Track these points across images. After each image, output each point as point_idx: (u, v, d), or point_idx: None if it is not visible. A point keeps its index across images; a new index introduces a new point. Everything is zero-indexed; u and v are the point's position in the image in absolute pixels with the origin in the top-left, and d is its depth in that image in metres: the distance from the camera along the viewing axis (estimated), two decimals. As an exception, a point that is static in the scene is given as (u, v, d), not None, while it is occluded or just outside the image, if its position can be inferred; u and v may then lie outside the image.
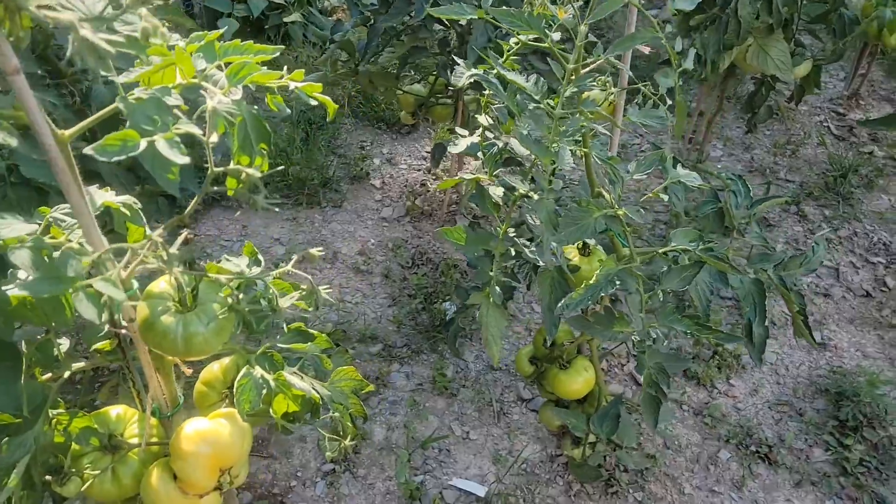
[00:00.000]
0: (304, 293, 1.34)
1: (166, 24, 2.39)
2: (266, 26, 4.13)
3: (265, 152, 1.08)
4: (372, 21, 2.67)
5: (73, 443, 1.25)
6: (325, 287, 1.32)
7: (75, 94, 1.57)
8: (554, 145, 1.36)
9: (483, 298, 1.63)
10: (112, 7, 0.95)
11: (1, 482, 1.15)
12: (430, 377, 2.71)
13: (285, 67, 1.14)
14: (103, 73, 0.90)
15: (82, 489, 1.28)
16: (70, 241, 1.03)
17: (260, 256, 1.37)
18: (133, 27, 1.03)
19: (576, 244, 1.89)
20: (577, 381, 2.09)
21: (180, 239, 1.10)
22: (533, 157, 1.46)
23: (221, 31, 1.14)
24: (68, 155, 0.95)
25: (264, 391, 1.29)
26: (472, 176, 1.62)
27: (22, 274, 0.95)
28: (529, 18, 1.35)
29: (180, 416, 1.39)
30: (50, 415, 1.21)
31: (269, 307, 1.17)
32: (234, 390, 1.26)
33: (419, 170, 3.76)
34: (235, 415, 1.31)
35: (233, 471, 1.31)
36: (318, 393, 1.38)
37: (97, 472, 1.28)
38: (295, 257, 1.26)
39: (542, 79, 1.38)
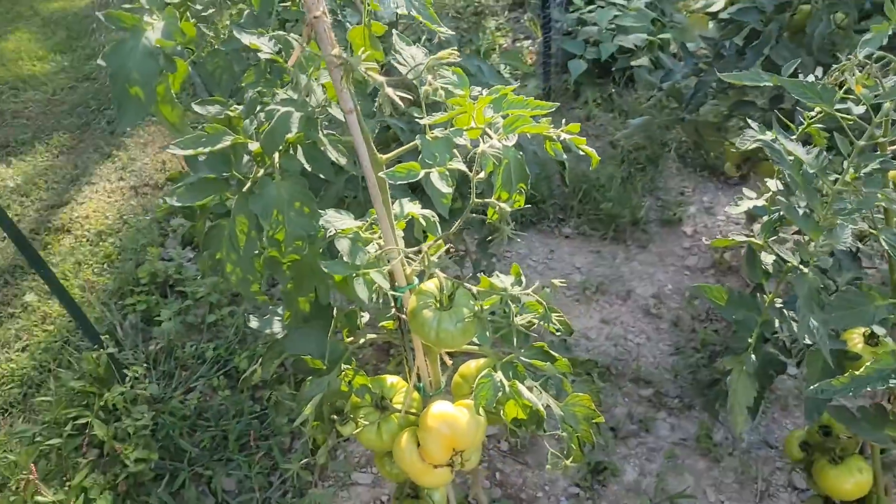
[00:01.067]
0: (540, 314, 1.50)
1: (508, 67, 2.78)
2: (613, 69, 4.35)
3: (522, 190, 1.27)
4: (702, 72, 2.71)
5: (352, 395, 1.58)
6: (557, 315, 1.47)
7: (389, 128, 1.95)
8: (825, 222, 1.32)
9: (736, 363, 1.62)
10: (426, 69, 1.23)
11: (301, 409, 1.53)
12: (696, 435, 2.64)
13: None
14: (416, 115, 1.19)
15: (354, 432, 1.61)
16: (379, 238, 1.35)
17: (522, 278, 1.56)
18: (446, 80, 1.31)
19: (863, 331, 1.73)
20: (848, 481, 1.89)
21: (441, 250, 1.34)
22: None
23: (513, 86, 1.36)
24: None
25: (500, 394, 1.48)
26: (745, 238, 1.61)
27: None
28: (821, 91, 1.33)
29: (439, 397, 1.66)
30: (342, 368, 1.55)
31: (506, 321, 1.36)
32: (475, 386, 1.47)
33: (738, 223, 3.62)
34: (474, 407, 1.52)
35: (465, 454, 1.53)
36: (550, 409, 1.53)
37: (367, 423, 1.61)
38: (537, 284, 1.43)
39: (824, 153, 1.34)
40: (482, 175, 1.20)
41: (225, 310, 3.17)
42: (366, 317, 1.71)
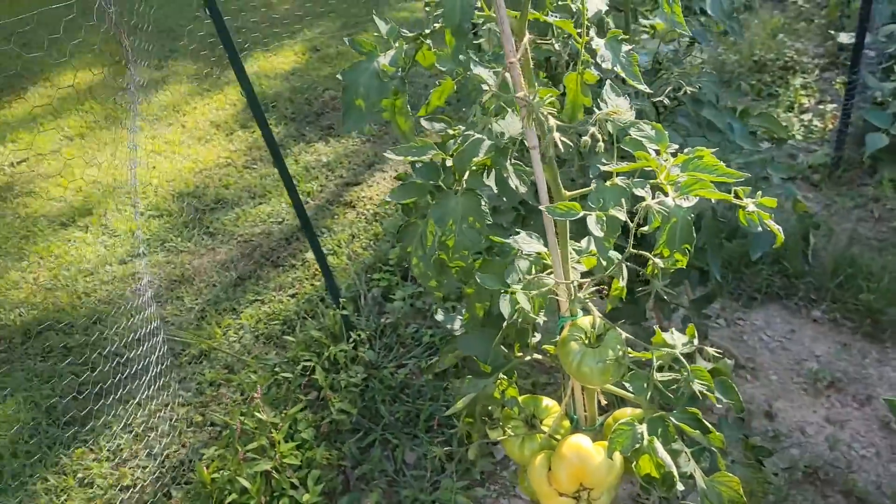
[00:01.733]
0: (708, 387, 1.48)
1: (760, 130, 2.71)
2: (924, 149, 3.83)
3: (687, 251, 1.28)
4: None
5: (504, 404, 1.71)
6: (730, 389, 1.43)
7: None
8: None
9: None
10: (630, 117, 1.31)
11: (456, 403, 1.69)
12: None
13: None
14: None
15: (500, 438, 1.73)
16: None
17: (695, 340, 1.55)
18: (643, 133, 1.38)
19: None
20: None
21: (591, 288, 1.39)
22: None
23: (710, 150, 1.37)
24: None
25: (637, 445, 1.50)
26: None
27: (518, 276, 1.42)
28: None
29: (590, 433, 1.71)
30: (499, 376, 1.69)
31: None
32: (613, 430, 1.50)
33: None
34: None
35: (593, 493, 1.57)
36: (693, 480, 1.51)
37: (512, 434, 1.72)
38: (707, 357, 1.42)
39: None
40: (646, 228, 1.25)
41: (449, 304, 3.47)
42: (538, 336, 1.82)
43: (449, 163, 1.37)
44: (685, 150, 1.39)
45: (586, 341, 1.43)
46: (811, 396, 2.96)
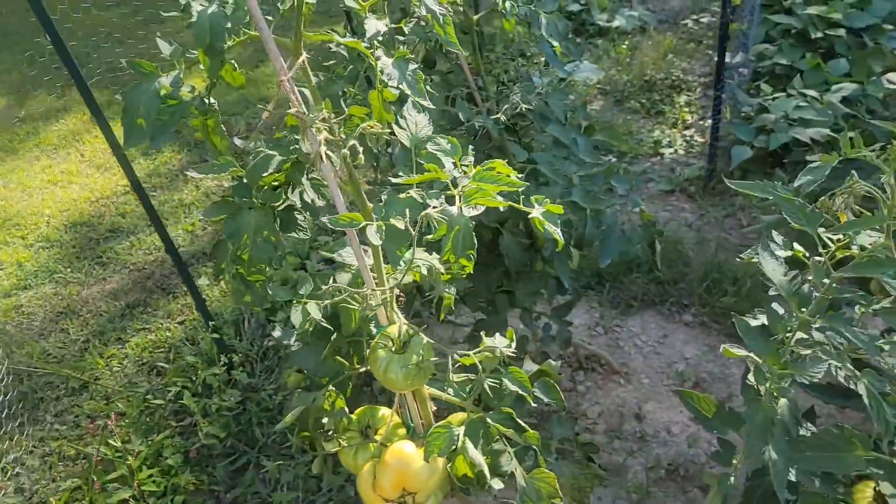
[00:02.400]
0: (523, 386, 1.54)
1: (610, 144, 2.78)
2: (785, 160, 4.08)
3: (471, 257, 1.34)
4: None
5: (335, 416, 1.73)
6: (554, 390, 1.50)
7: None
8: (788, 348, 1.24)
9: (713, 481, 1.53)
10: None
11: (285, 417, 1.71)
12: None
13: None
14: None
15: (334, 450, 1.76)
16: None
17: (514, 343, 1.62)
18: (439, 147, 1.45)
19: (873, 485, 1.54)
20: None
21: (389, 295, 1.44)
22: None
23: (502, 161, 1.45)
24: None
25: (453, 447, 1.55)
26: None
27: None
28: (809, 214, 1.26)
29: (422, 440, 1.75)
30: (328, 389, 1.71)
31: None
32: (429, 434, 1.55)
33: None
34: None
35: (417, 497, 1.61)
36: (514, 478, 1.57)
37: (346, 445, 1.75)
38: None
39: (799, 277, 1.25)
40: (431, 237, 1.31)
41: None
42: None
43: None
44: (484, 164, 1.46)
45: (393, 348, 1.48)
46: (678, 398, 3.09)
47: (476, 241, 1.33)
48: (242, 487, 2.63)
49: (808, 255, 1.34)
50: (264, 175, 1.32)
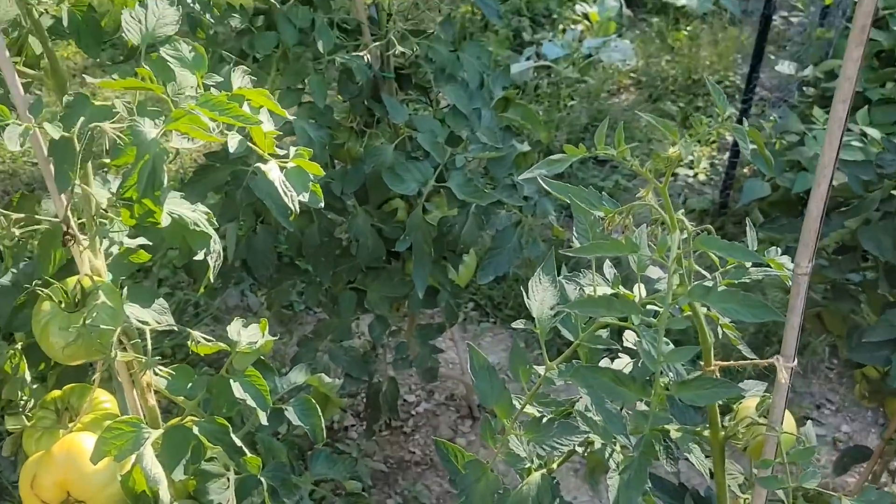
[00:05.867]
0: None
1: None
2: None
3: (159, 200, 0.99)
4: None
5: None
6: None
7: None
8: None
9: None
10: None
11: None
12: None
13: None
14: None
15: (14, 427, 1.37)
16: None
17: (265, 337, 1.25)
18: (176, 53, 1.10)
19: None
20: None
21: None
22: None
23: (265, 92, 1.10)
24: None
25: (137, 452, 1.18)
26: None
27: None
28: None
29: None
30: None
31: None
32: (106, 429, 1.18)
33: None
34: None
35: (84, 506, 1.23)
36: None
37: (31, 426, 1.35)
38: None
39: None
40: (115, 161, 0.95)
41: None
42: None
43: None
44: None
45: (64, 303, 1.11)
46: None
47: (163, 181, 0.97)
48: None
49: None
50: None
